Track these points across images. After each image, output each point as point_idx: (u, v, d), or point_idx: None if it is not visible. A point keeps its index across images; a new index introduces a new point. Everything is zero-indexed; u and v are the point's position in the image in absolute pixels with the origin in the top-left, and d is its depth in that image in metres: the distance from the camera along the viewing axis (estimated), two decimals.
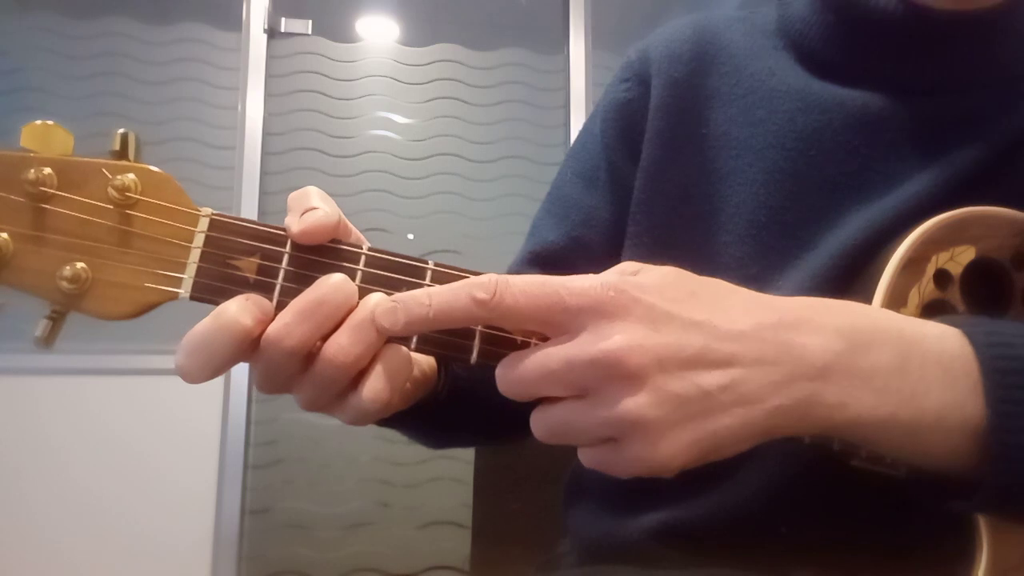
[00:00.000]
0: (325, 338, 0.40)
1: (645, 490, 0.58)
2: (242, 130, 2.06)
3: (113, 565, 1.82)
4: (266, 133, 2.08)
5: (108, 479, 1.84)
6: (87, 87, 2.03)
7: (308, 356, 0.40)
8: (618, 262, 0.64)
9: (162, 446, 1.88)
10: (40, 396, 1.86)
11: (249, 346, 0.39)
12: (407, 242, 2.13)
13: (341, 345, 0.39)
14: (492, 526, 0.89)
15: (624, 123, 0.65)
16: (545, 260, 0.65)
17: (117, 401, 1.88)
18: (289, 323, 0.39)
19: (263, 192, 2.05)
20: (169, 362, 1.94)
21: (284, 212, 0.42)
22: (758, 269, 0.57)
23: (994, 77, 0.58)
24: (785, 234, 0.57)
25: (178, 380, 0.40)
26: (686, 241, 0.60)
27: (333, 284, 0.40)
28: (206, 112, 2.08)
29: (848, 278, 0.53)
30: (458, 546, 1.97)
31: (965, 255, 0.50)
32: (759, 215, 0.58)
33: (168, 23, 2.09)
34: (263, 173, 2.05)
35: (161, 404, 1.86)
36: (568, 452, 0.74)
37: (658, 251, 0.61)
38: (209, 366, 0.39)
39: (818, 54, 0.61)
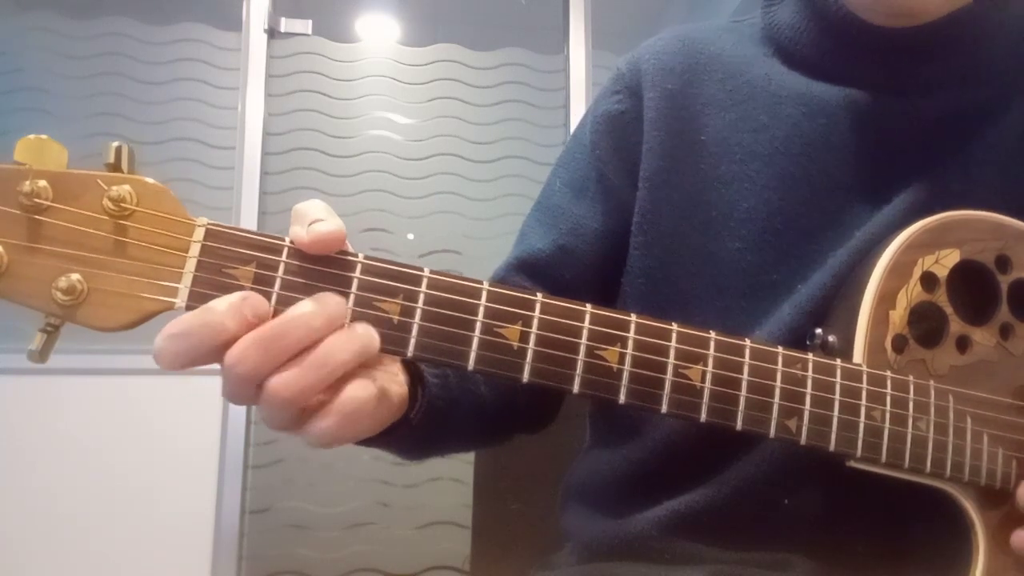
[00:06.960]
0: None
1: (654, 483, 0.59)
2: (242, 130, 2.06)
3: (113, 564, 1.82)
4: (266, 133, 2.07)
5: (108, 479, 1.84)
6: (87, 87, 2.03)
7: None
8: (603, 272, 0.65)
9: (162, 446, 1.88)
10: (40, 396, 1.86)
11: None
12: (407, 242, 2.13)
13: (285, 379, 0.38)
14: (492, 526, 0.89)
15: (616, 135, 0.66)
16: (532, 268, 0.65)
17: (117, 401, 1.88)
18: (245, 349, 0.38)
19: (263, 192, 2.04)
20: None
21: (284, 212, 0.42)
22: (778, 276, 0.58)
23: (983, 76, 0.59)
24: (805, 239, 0.58)
25: (179, 380, 0.40)
26: (698, 247, 0.61)
27: (296, 316, 0.39)
28: (206, 112, 2.08)
29: None
30: (458, 546, 1.97)
31: (950, 258, 0.51)
32: (775, 222, 0.59)
33: (168, 23, 2.09)
34: (263, 173, 2.05)
35: (161, 404, 1.86)
36: (567, 452, 0.74)
37: (669, 260, 0.62)
38: (184, 358, 0.38)
39: (811, 59, 0.62)
